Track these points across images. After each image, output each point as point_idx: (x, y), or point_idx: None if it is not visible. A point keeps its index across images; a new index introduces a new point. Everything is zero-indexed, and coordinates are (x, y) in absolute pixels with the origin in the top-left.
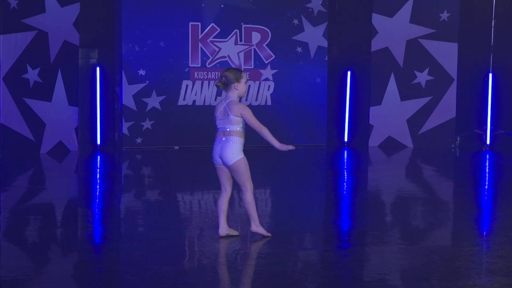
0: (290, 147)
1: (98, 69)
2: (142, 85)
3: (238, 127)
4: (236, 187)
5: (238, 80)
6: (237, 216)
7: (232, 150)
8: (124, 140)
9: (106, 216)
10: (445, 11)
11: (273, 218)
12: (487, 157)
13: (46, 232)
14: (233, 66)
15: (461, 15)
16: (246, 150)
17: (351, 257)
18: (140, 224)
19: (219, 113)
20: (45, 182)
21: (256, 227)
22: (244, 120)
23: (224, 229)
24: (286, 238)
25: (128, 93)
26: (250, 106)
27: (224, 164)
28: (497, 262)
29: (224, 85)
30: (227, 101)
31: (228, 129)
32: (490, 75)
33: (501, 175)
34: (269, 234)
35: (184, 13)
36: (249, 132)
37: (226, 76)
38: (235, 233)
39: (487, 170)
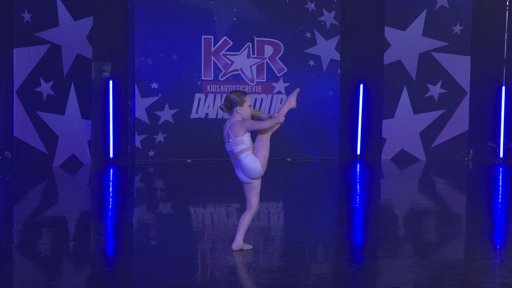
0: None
1: (111, 82)
2: (154, 98)
3: (243, 146)
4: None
5: (241, 103)
6: (249, 229)
7: (250, 164)
8: (136, 153)
9: (119, 229)
10: (458, 24)
11: (285, 231)
12: (500, 170)
13: (58, 245)
14: (246, 79)
15: (473, 28)
16: None
17: (364, 270)
18: (152, 237)
19: (224, 135)
20: (57, 195)
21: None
22: (249, 132)
23: (238, 244)
24: (298, 251)
25: (141, 106)
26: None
27: (256, 178)
28: (510, 276)
29: (227, 109)
30: (229, 123)
31: (235, 151)
32: (503, 88)
33: None
34: (249, 246)
35: (197, 27)
36: None
37: (229, 99)
38: (249, 247)
39: (500, 183)
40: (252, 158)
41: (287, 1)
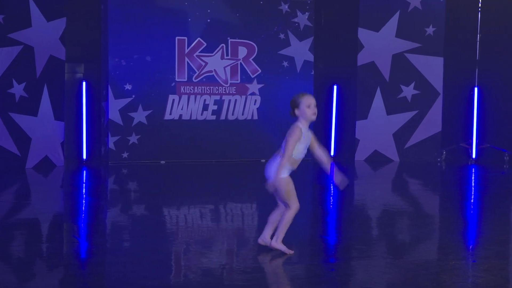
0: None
1: (84, 83)
2: (128, 100)
3: (282, 150)
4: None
5: (297, 105)
6: (224, 230)
7: (274, 168)
8: (110, 154)
9: (92, 231)
10: (431, 26)
11: (259, 232)
12: (473, 171)
13: (31, 247)
14: (220, 80)
15: (446, 30)
16: (233, 164)
17: (338, 271)
18: (126, 239)
19: None
20: (30, 197)
21: (276, 243)
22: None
23: (264, 238)
24: (272, 252)
25: (114, 107)
26: (236, 120)
27: (266, 178)
28: (483, 276)
29: (292, 113)
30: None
31: (281, 148)
32: (476, 89)
33: (486, 189)
34: (290, 252)
35: (171, 28)
36: (237, 148)
37: (290, 103)
38: (289, 252)
39: (472, 184)
40: (281, 170)
41: (261, 2)
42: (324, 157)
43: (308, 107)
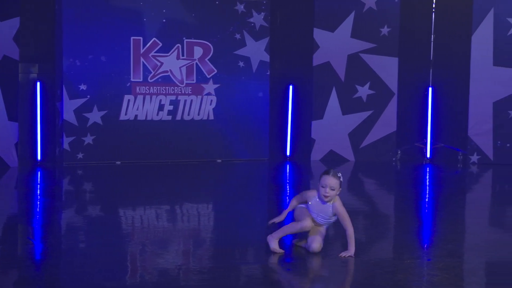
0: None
1: (38, 84)
2: (83, 100)
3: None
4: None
5: (319, 180)
6: (179, 231)
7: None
8: (65, 155)
9: (47, 232)
10: (386, 26)
11: (215, 233)
12: (427, 170)
13: None
14: (176, 81)
15: (401, 30)
16: (189, 164)
17: (294, 270)
18: (81, 240)
19: None
20: None
21: (272, 237)
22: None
23: (273, 238)
24: (228, 253)
25: (69, 108)
26: (192, 120)
27: None
28: (437, 275)
29: None
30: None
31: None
32: (430, 89)
33: (441, 188)
34: (280, 251)
35: (126, 28)
36: (193, 148)
37: None
38: (280, 251)
39: (427, 183)
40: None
41: (216, 2)
42: (347, 237)
43: (322, 187)
